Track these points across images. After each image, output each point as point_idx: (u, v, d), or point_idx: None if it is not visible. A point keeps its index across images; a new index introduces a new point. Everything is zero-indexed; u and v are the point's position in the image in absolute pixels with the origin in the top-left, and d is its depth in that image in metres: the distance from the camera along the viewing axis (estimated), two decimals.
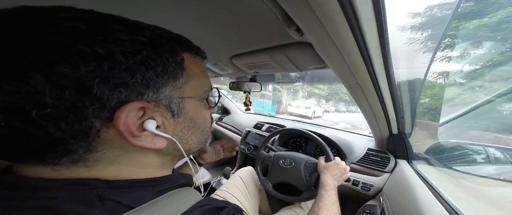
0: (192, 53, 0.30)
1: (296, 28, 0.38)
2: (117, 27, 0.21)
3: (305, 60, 0.59)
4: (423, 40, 0.94)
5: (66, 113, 0.19)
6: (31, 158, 0.21)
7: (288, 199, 0.88)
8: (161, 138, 0.26)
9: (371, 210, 0.79)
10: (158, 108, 0.25)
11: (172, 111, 0.26)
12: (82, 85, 0.19)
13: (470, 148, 1.06)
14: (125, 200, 0.22)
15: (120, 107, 0.21)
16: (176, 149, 0.29)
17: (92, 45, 0.19)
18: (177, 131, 0.28)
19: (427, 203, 0.58)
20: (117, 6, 0.43)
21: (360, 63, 0.45)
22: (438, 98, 2.12)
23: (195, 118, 0.31)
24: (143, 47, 0.22)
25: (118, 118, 0.21)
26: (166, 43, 0.25)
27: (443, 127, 1.35)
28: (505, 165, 0.95)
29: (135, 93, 0.22)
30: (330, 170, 0.76)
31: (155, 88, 0.23)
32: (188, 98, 0.28)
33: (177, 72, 0.26)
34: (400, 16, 1.26)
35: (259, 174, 0.97)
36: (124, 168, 0.25)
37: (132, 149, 0.25)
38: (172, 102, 0.26)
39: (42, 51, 0.18)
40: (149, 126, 0.24)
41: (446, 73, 2.68)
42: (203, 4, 0.40)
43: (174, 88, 0.26)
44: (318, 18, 0.30)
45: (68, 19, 0.19)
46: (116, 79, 0.20)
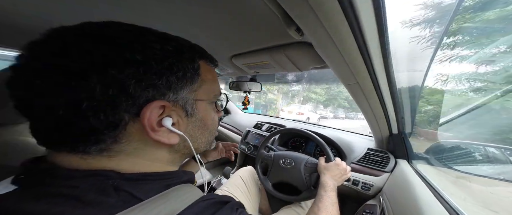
0: (206, 61, 0.34)
1: (296, 28, 0.38)
2: (152, 38, 0.26)
3: (305, 60, 0.59)
4: (423, 39, 0.93)
5: (106, 106, 0.22)
6: (67, 145, 0.24)
7: (287, 199, 0.89)
8: (175, 134, 0.29)
9: (371, 209, 0.79)
10: (175, 107, 0.28)
11: (186, 111, 0.30)
12: (123, 84, 0.23)
13: (470, 148, 1.06)
14: (136, 192, 0.24)
15: (147, 104, 0.25)
16: (186, 146, 0.32)
17: (133, 53, 0.23)
18: (189, 129, 0.32)
19: (427, 202, 0.58)
20: (120, 7, 0.43)
21: (360, 63, 0.45)
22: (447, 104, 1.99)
23: (205, 119, 0.34)
24: (169, 55, 0.26)
25: (144, 113, 0.25)
26: (187, 52, 0.29)
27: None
28: (505, 165, 0.95)
29: (159, 93, 0.26)
30: (330, 170, 0.76)
31: (175, 90, 0.27)
32: (201, 101, 0.32)
33: (194, 77, 0.30)
34: (400, 15, 1.26)
35: (259, 173, 0.97)
36: (139, 161, 0.28)
37: (149, 143, 0.28)
38: (187, 103, 0.30)
39: (99, 57, 0.22)
40: (166, 122, 0.27)
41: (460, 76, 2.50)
42: (203, 4, 0.40)
43: (190, 91, 0.30)
44: (318, 18, 0.30)
45: (117, 31, 0.25)
46: (148, 81, 0.24)
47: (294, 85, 13.80)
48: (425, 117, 1.92)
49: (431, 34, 0.65)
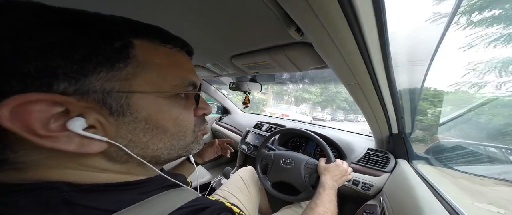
0: (154, 40, 0.25)
1: (296, 28, 0.38)
2: (29, 10, 0.19)
3: (305, 60, 0.59)
4: (424, 38, 0.92)
5: None
6: None
7: (286, 198, 0.89)
8: (94, 141, 0.22)
9: (371, 210, 0.79)
10: (87, 103, 0.21)
11: (109, 108, 0.22)
12: None
13: (470, 148, 1.06)
14: (96, 204, 0.20)
15: (4, 100, 0.17)
16: (138, 154, 0.25)
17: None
18: (124, 133, 0.23)
19: (427, 202, 0.58)
20: (115, 5, 0.43)
21: (360, 63, 0.45)
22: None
23: (156, 119, 0.25)
24: (54, 28, 0.19)
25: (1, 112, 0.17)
26: (101, 26, 0.22)
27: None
28: (505, 165, 0.95)
29: (35, 84, 0.18)
30: (331, 171, 0.76)
31: (72, 78, 0.19)
32: (142, 93, 0.24)
33: (115, 60, 0.21)
34: (400, 15, 1.25)
35: (258, 173, 0.97)
36: (71, 172, 0.22)
37: (57, 152, 0.20)
38: (110, 96, 0.22)
39: None
40: (72, 125, 0.20)
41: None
42: (203, 4, 0.40)
43: (110, 80, 0.21)
44: (318, 18, 0.30)
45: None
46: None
47: (288, 84, 12.57)
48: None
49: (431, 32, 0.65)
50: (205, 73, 1.03)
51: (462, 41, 2.38)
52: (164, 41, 0.27)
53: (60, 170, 0.22)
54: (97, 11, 0.23)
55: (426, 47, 0.65)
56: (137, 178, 0.26)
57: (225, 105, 1.90)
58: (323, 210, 0.58)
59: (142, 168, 0.27)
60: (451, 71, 4.56)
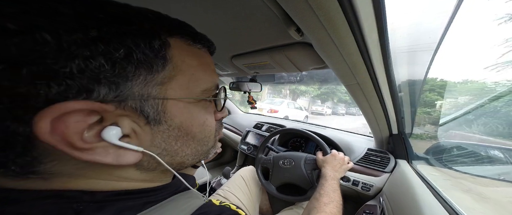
0: (187, 39, 0.23)
1: (296, 28, 0.38)
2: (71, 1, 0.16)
3: (305, 60, 0.59)
4: (423, 38, 0.90)
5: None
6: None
7: (293, 200, 0.88)
8: (130, 151, 0.20)
9: (371, 210, 0.79)
10: (123, 111, 0.19)
11: (146, 116, 0.20)
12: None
13: (470, 148, 1.06)
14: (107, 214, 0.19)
15: (44, 109, 0.15)
16: (161, 162, 0.23)
17: (5, 18, 0.14)
18: (158, 142, 0.22)
19: (427, 203, 0.58)
20: None
21: (360, 63, 0.45)
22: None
23: (187, 125, 0.24)
24: (93, 24, 0.16)
25: (35, 125, 0.15)
26: (139, 21, 0.19)
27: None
28: (505, 166, 0.95)
29: (75, 89, 0.16)
30: (329, 162, 0.77)
31: (112, 83, 0.17)
32: (175, 100, 0.22)
33: (153, 62, 0.19)
34: (400, 15, 1.23)
35: (261, 179, 0.96)
36: (96, 182, 0.20)
37: (90, 163, 0.19)
38: (146, 104, 0.20)
39: None
40: (107, 135, 0.18)
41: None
42: (203, 4, 0.40)
43: (148, 84, 0.19)
44: (318, 18, 0.30)
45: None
46: (36, 66, 0.14)
47: (284, 78, 12.38)
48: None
49: (431, 32, 0.64)
50: None
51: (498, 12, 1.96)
52: (195, 40, 0.24)
53: (82, 180, 0.20)
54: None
55: (427, 47, 0.65)
56: (155, 185, 0.25)
57: (225, 105, 1.89)
58: (327, 199, 0.58)
59: (165, 175, 0.27)
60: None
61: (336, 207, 0.58)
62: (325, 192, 0.61)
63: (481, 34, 3.28)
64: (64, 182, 0.19)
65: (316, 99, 18.63)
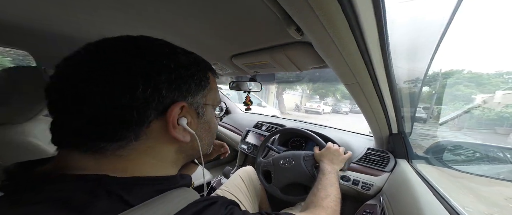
0: (213, 72, 0.38)
1: (296, 27, 0.38)
2: (178, 50, 0.31)
3: (305, 60, 0.59)
4: (423, 37, 0.90)
5: (142, 104, 0.25)
6: (87, 142, 0.25)
7: (300, 200, 0.88)
8: (187, 133, 0.32)
9: (371, 209, 0.79)
10: (190, 109, 0.32)
11: (198, 113, 0.34)
12: (157, 86, 0.26)
13: (470, 147, 1.06)
14: (127, 196, 0.25)
15: (171, 104, 0.28)
16: (192, 147, 0.35)
17: (169, 61, 0.28)
18: (198, 130, 0.35)
19: (427, 202, 0.58)
20: (120, 8, 0.44)
21: (360, 62, 0.45)
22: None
23: (210, 122, 0.38)
24: (191, 65, 0.31)
25: (170, 111, 0.28)
26: (201, 64, 0.34)
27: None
28: (505, 165, 0.95)
29: (182, 96, 0.30)
30: (325, 156, 0.79)
31: (193, 94, 0.31)
32: (208, 105, 0.36)
33: (206, 85, 0.34)
34: (400, 14, 1.22)
35: (263, 183, 0.95)
36: (146, 160, 0.30)
37: (162, 141, 0.30)
38: (199, 106, 0.34)
39: (143, 63, 0.26)
40: (182, 122, 0.30)
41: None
42: (203, 4, 0.40)
43: (202, 96, 0.34)
44: (318, 17, 0.30)
45: (151, 44, 0.29)
46: (175, 85, 0.28)
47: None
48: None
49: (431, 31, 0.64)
50: None
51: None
52: (214, 73, 0.39)
53: (138, 161, 0.29)
54: (104, 13, 0.25)
55: (427, 47, 0.65)
56: (170, 172, 0.34)
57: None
58: (324, 193, 0.59)
59: (182, 160, 0.37)
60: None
61: (333, 201, 0.58)
62: (322, 187, 0.62)
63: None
64: (119, 162, 0.27)
65: (315, 95, 16.43)
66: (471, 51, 7.26)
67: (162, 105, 0.27)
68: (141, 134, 0.27)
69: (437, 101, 4.05)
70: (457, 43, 6.69)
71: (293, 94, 16.45)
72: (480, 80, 2.74)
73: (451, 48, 4.93)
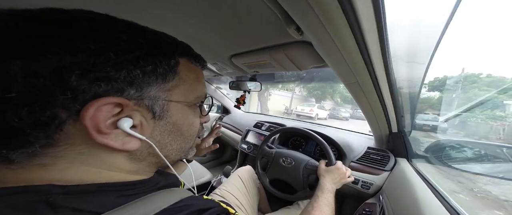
0: (190, 59, 0.31)
1: (296, 27, 0.38)
2: (122, 28, 0.23)
3: (305, 59, 0.59)
4: (423, 36, 0.90)
5: (30, 101, 0.18)
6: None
7: (282, 196, 0.90)
8: (134, 139, 0.25)
9: (371, 208, 0.79)
10: (138, 107, 0.24)
11: (153, 113, 0.26)
12: (59, 74, 0.18)
13: (470, 146, 1.06)
14: (85, 206, 0.20)
15: (92, 100, 0.20)
16: (152, 154, 0.28)
17: (87, 41, 0.20)
18: (156, 134, 0.27)
19: (426, 201, 0.58)
20: (118, 6, 0.43)
21: (360, 61, 0.45)
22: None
23: (180, 123, 0.30)
24: (138, 47, 0.23)
25: (85, 111, 0.20)
26: (163, 46, 0.26)
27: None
28: (504, 163, 0.95)
29: (115, 88, 0.21)
30: (331, 174, 0.76)
31: (139, 86, 0.23)
32: (176, 102, 0.28)
33: (168, 74, 0.26)
34: (400, 13, 1.21)
35: (258, 168, 0.98)
36: (87, 169, 0.23)
37: (97, 148, 0.23)
38: (156, 103, 0.26)
39: (33, 40, 0.19)
40: (122, 124, 0.23)
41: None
42: (203, 3, 0.40)
43: (161, 90, 0.26)
44: (318, 17, 0.30)
45: (76, 17, 0.21)
46: (98, 73, 0.20)
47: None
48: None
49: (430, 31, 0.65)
50: (205, 72, 1.03)
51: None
52: (195, 60, 0.31)
53: (72, 169, 0.22)
54: (99, 10, 0.24)
55: (426, 46, 0.65)
56: (137, 178, 0.28)
57: (225, 105, 1.90)
58: (319, 214, 0.58)
59: (149, 169, 0.30)
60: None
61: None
62: (318, 206, 0.60)
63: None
64: (42, 172, 0.21)
65: (310, 98, 14.31)
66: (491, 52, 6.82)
67: (77, 102, 0.20)
68: (56, 139, 0.20)
69: (457, 107, 3.72)
70: (472, 43, 6.36)
71: (284, 96, 14.56)
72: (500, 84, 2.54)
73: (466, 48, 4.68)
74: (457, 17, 0.51)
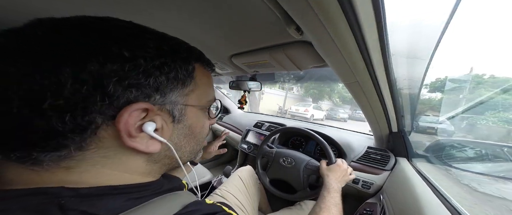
0: (203, 64, 0.32)
1: (296, 27, 0.38)
2: (148, 36, 0.24)
3: (305, 59, 0.59)
4: (423, 36, 0.89)
5: (76, 106, 0.19)
6: (18, 152, 0.20)
7: (281, 196, 0.91)
8: (156, 142, 0.26)
9: (371, 208, 0.79)
10: (161, 111, 0.25)
11: (173, 117, 0.27)
12: (100, 81, 0.20)
13: (470, 146, 1.06)
14: (92, 209, 0.20)
15: (126, 106, 0.21)
16: (167, 156, 0.29)
17: (121, 48, 0.21)
18: (174, 137, 0.28)
19: (427, 200, 0.58)
20: (118, 5, 0.43)
21: (360, 61, 0.45)
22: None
23: (194, 126, 0.31)
24: (163, 54, 0.24)
25: (120, 116, 0.21)
26: (182, 52, 0.27)
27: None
28: (505, 163, 0.95)
29: (144, 94, 0.23)
30: (333, 172, 0.76)
31: (163, 92, 0.24)
32: (191, 106, 0.29)
33: (186, 80, 0.27)
34: (400, 13, 1.20)
35: (258, 167, 0.98)
36: (105, 172, 0.24)
37: (121, 151, 0.24)
38: (176, 107, 0.27)
39: (77, 48, 0.20)
40: (147, 128, 0.24)
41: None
42: (203, 3, 0.40)
43: (180, 95, 0.27)
44: (318, 16, 0.30)
45: (111, 25, 0.23)
46: (131, 80, 0.21)
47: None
48: None
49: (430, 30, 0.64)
50: None
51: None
52: (207, 65, 0.33)
53: (86, 170, 0.23)
54: (99, 10, 0.24)
55: (426, 46, 0.65)
56: (146, 180, 0.28)
57: (224, 104, 1.90)
58: (327, 214, 0.58)
59: (160, 170, 0.31)
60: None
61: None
62: (326, 207, 0.60)
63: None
64: (63, 174, 0.22)
65: (307, 97, 13.55)
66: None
67: (112, 108, 0.21)
68: (88, 142, 0.21)
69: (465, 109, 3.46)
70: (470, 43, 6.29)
71: (279, 95, 13.94)
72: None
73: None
74: (458, 16, 0.51)
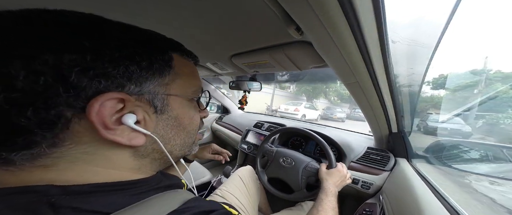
0: (182, 54, 0.31)
1: (296, 27, 0.38)
2: (112, 26, 0.24)
3: (305, 59, 0.59)
4: (423, 36, 0.88)
5: (34, 99, 0.18)
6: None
7: (278, 195, 0.91)
8: (140, 135, 0.25)
9: (371, 208, 0.79)
10: (140, 102, 0.25)
11: (155, 107, 0.26)
12: (59, 72, 0.19)
13: (470, 146, 1.06)
14: (88, 206, 0.20)
15: (96, 96, 0.21)
16: (156, 149, 0.28)
17: (80, 38, 0.20)
18: (159, 129, 0.28)
19: (426, 201, 0.58)
20: (117, 6, 0.43)
21: (360, 61, 0.45)
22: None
23: (181, 117, 0.30)
24: (132, 43, 0.24)
25: (90, 107, 0.20)
26: (156, 42, 0.27)
27: None
28: (505, 163, 0.95)
29: (115, 84, 0.22)
30: (332, 176, 0.77)
31: (138, 81, 0.24)
32: (175, 96, 0.29)
33: (164, 69, 0.27)
34: (400, 13, 1.19)
35: (257, 165, 0.99)
36: (90, 169, 0.23)
37: (102, 146, 0.23)
38: (156, 97, 0.26)
39: (30, 40, 0.19)
40: (127, 120, 0.23)
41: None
42: (203, 3, 0.40)
43: (159, 84, 0.26)
44: (318, 17, 0.30)
45: (70, 17, 0.22)
46: (97, 70, 0.21)
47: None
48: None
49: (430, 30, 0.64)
50: (205, 72, 1.03)
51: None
52: (186, 55, 0.32)
53: (68, 167, 0.22)
54: (98, 11, 0.24)
55: (427, 45, 0.65)
56: (138, 177, 0.27)
57: (224, 104, 1.90)
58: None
59: (151, 165, 0.30)
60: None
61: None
62: (323, 209, 0.60)
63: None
64: (43, 173, 0.21)
65: (302, 95, 12.48)
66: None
67: (80, 99, 0.20)
68: (62, 138, 0.21)
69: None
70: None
71: (267, 93, 12.91)
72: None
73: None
74: (458, 16, 0.51)
